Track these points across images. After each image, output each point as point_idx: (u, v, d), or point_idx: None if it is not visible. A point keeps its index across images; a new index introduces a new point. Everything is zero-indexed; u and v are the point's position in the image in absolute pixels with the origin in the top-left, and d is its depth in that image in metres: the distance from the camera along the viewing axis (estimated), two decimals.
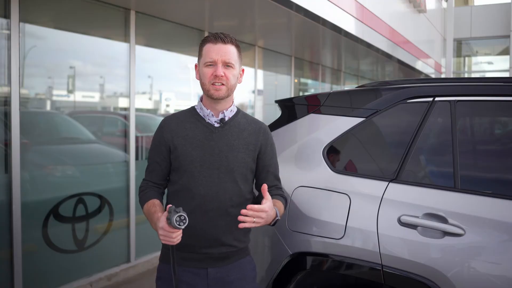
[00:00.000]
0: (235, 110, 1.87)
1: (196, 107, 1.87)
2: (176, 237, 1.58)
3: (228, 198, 1.77)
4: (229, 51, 1.75)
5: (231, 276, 1.81)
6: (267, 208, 1.63)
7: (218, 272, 1.79)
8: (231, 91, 1.79)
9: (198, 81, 1.83)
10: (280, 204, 1.83)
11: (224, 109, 1.81)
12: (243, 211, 1.59)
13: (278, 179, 1.94)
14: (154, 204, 1.76)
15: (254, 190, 1.94)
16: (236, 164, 1.79)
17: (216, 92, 1.75)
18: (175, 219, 1.52)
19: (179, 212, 1.53)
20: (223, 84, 1.74)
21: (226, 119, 1.81)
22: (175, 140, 1.79)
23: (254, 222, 1.61)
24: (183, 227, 1.53)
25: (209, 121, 1.80)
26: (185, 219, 1.53)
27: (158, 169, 1.84)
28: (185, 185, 1.77)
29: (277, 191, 1.90)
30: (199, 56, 1.81)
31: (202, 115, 1.82)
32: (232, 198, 1.78)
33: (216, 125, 1.80)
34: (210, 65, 1.74)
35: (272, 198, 1.81)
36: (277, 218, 1.74)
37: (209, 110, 1.80)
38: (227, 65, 1.75)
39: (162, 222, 1.58)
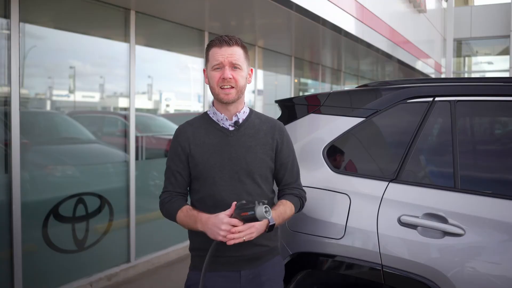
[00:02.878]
0: (248, 111, 1.86)
1: (208, 112, 1.86)
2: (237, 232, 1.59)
3: (253, 199, 1.75)
4: (235, 53, 1.74)
5: (263, 277, 1.80)
6: (254, 223, 1.62)
7: (251, 273, 1.78)
8: (241, 93, 1.78)
9: (199, 81, 1.84)
10: (286, 206, 1.80)
11: (237, 112, 1.81)
12: (232, 231, 1.59)
13: (297, 176, 1.92)
14: (191, 208, 1.75)
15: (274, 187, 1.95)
16: (256, 165, 1.78)
17: (226, 96, 1.74)
18: (265, 210, 1.54)
19: (265, 203, 1.56)
20: (232, 87, 1.73)
21: (240, 121, 1.80)
22: (192, 148, 1.78)
23: (244, 239, 1.61)
24: (269, 217, 1.56)
25: (223, 125, 1.80)
26: (269, 210, 1.56)
27: (180, 178, 1.82)
28: (208, 192, 1.77)
29: (291, 191, 1.88)
30: (206, 60, 1.81)
31: (215, 119, 1.81)
32: (255, 199, 1.76)
33: (231, 128, 1.79)
34: (217, 68, 1.73)
35: (283, 198, 1.83)
36: (269, 224, 1.69)
37: (223, 114, 1.79)
38: (234, 66, 1.73)
39: (225, 218, 1.58)
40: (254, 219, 1.57)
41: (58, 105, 3.99)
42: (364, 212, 1.92)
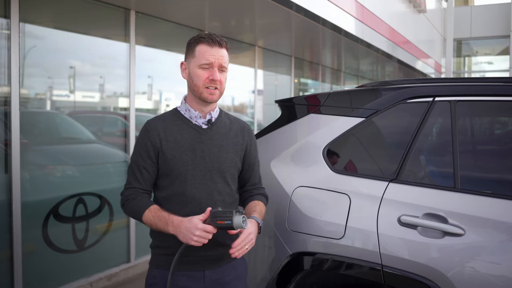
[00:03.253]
0: (218, 110, 1.87)
1: (179, 108, 1.83)
2: (209, 237, 1.62)
3: (222, 199, 1.78)
4: (224, 55, 1.76)
5: (226, 277, 1.81)
6: (250, 230, 1.68)
7: (215, 273, 1.78)
8: (222, 94, 1.81)
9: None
10: (261, 206, 1.87)
11: (211, 110, 1.82)
12: (234, 246, 1.64)
13: (260, 176, 2.00)
14: (160, 209, 1.71)
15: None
16: (227, 165, 1.80)
17: (210, 96, 1.75)
18: (242, 220, 1.57)
19: (243, 212, 1.59)
20: (216, 88, 1.75)
21: (213, 120, 1.81)
22: (164, 144, 1.74)
23: (247, 248, 1.67)
24: (246, 227, 1.59)
25: (196, 122, 1.79)
26: (246, 219, 1.60)
27: (147, 175, 1.76)
28: (178, 190, 1.74)
29: (259, 191, 1.95)
30: (191, 55, 1.77)
31: (188, 116, 1.80)
32: (225, 199, 1.79)
33: (204, 126, 1.79)
34: (206, 68, 1.73)
35: (254, 199, 1.89)
36: (259, 225, 1.77)
37: (197, 112, 1.78)
38: (221, 69, 1.75)
39: (200, 223, 1.59)
40: (230, 228, 1.58)
41: (58, 105, 3.99)
42: (364, 212, 1.92)
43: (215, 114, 1.83)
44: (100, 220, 4.08)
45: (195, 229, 1.58)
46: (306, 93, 7.68)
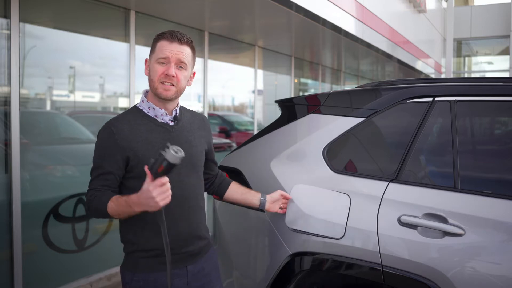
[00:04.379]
0: (179, 105, 1.87)
1: (140, 107, 1.77)
2: (168, 187, 1.53)
3: (198, 192, 1.83)
4: (184, 51, 1.71)
5: (206, 269, 1.85)
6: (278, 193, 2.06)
7: (195, 267, 1.81)
8: (180, 93, 1.76)
9: (199, 81, 1.84)
10: (243, 186, 2.10)
11: (176, 107, 1.81)
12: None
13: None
14: (120, 196, 1.63)
15: None
16: (197, 159, 1.83)
17: (165, 92, 1.70)
18: (174, 151, 1.47)
19: (169, 146, 1.48)
20: (172, 85, 1.70)
21: (177, 115, 1.81)
22: (134, 146, 1.67)
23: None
24: (182, 154, 1.49)
25: (162, 120, 1.76)
26: (178, 147, 1.50)
27: (113, 179, 1.69)
28: None
29: (227, 178, 2.10)
30: (152, 51, 1.74)
31: (153, 115, 1.75)
32: (200, 192, 1.84)
33: (171, 123, 1.78)
34: (163, 62, 1.69)
35: (229, 183, 2.07)
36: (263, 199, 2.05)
37: (162, 109, 1.75)
38: (180, 65, 1.71)
39: (150, 184, 1.49)
40: (172, 166, 1.49)
41: (58, 105, 3.99)
42: (364, 212, 1.92)
43: (177, 110, 1.82)
44: (100, 220, 4.07)
45: (151, 191, 1.49)
46: (306, 93, 7.68)
